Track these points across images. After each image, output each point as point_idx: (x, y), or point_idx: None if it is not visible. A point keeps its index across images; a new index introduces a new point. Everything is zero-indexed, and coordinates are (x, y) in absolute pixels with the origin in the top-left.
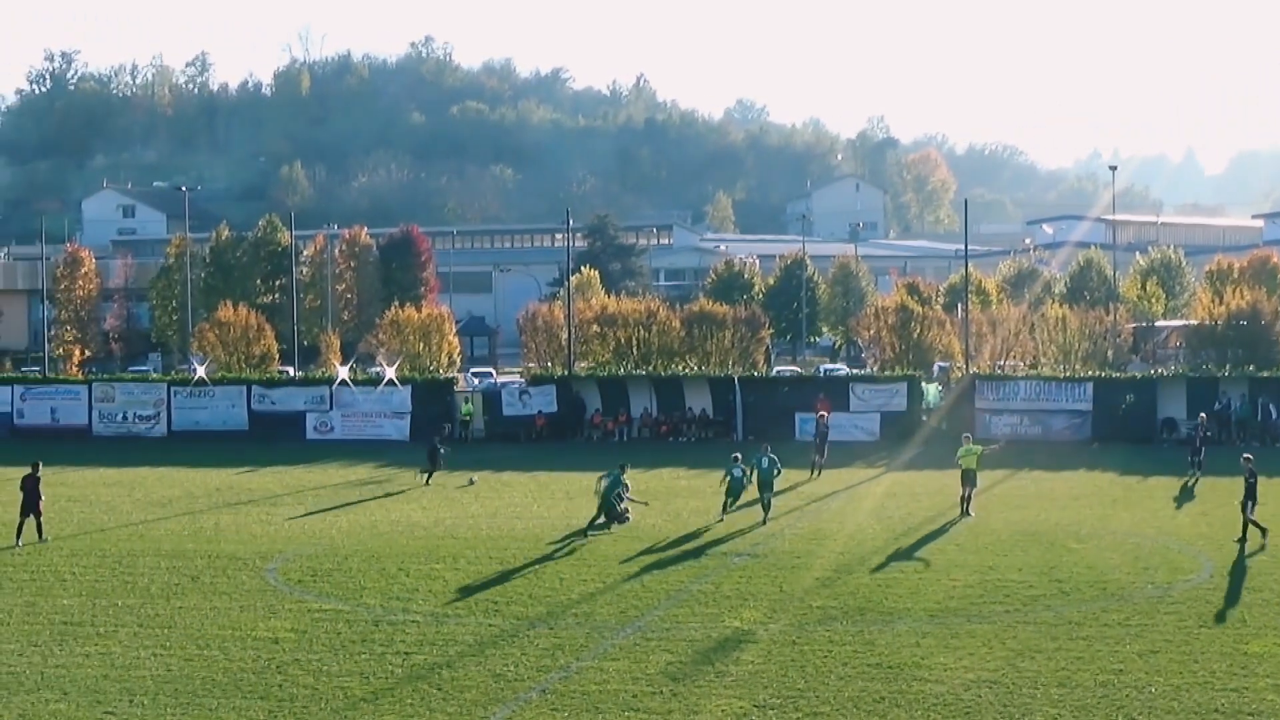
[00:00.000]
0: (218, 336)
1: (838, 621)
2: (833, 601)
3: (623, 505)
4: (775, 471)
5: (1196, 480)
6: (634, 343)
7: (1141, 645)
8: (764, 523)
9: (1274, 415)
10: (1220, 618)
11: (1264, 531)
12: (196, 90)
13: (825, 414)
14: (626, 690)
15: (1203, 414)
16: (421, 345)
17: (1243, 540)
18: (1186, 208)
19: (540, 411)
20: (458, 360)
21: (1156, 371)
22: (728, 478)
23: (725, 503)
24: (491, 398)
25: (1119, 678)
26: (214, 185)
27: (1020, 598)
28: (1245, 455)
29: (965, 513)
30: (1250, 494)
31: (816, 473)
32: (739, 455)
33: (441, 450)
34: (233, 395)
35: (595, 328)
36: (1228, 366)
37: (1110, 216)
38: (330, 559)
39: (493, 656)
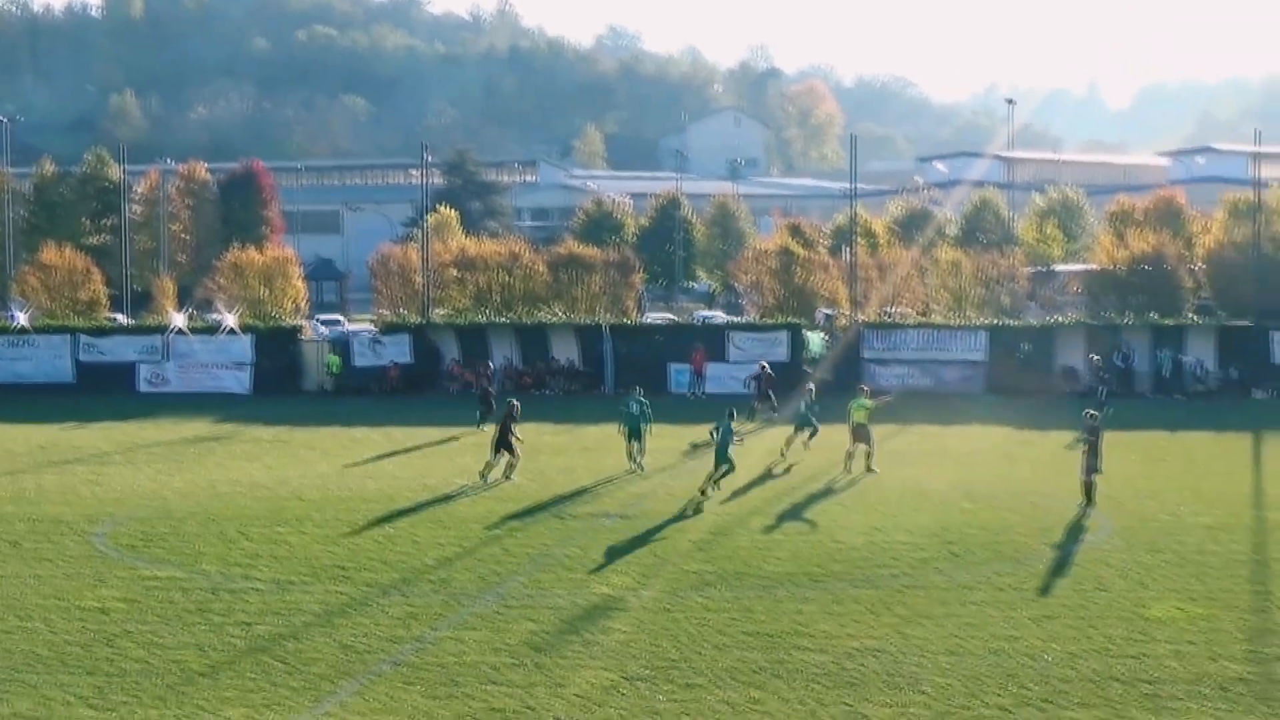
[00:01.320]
0: (41, 281)
1: (713, 587)
2: (708, 566)
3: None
4: (646, 417)
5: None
6: (495, 288)
7: (1036, 610)
8: (637, 469)
9: (1189, 367)
10: (1119, 580)
11: (1090, 499)
12: (18, 12)
13: (764, 365)
14: (486, 662)
15: (1094, 355)
16: (264, 290)
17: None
18: (1088, 145)
19: (394, 362)
20: (304, 307)
21: (1055, 319)
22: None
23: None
24: (341, 347)
25: (1012, 645)
26: (37, 116)
27: (909, 561)
28: (1088, 411)
29: (847, 469)
30: (1093, 452)
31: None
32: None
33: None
34: (57, 345)
35: (453, 272)
36: (1130, 314)
37: (1007, 154)
38: (164, 522)
39: (341, 627)
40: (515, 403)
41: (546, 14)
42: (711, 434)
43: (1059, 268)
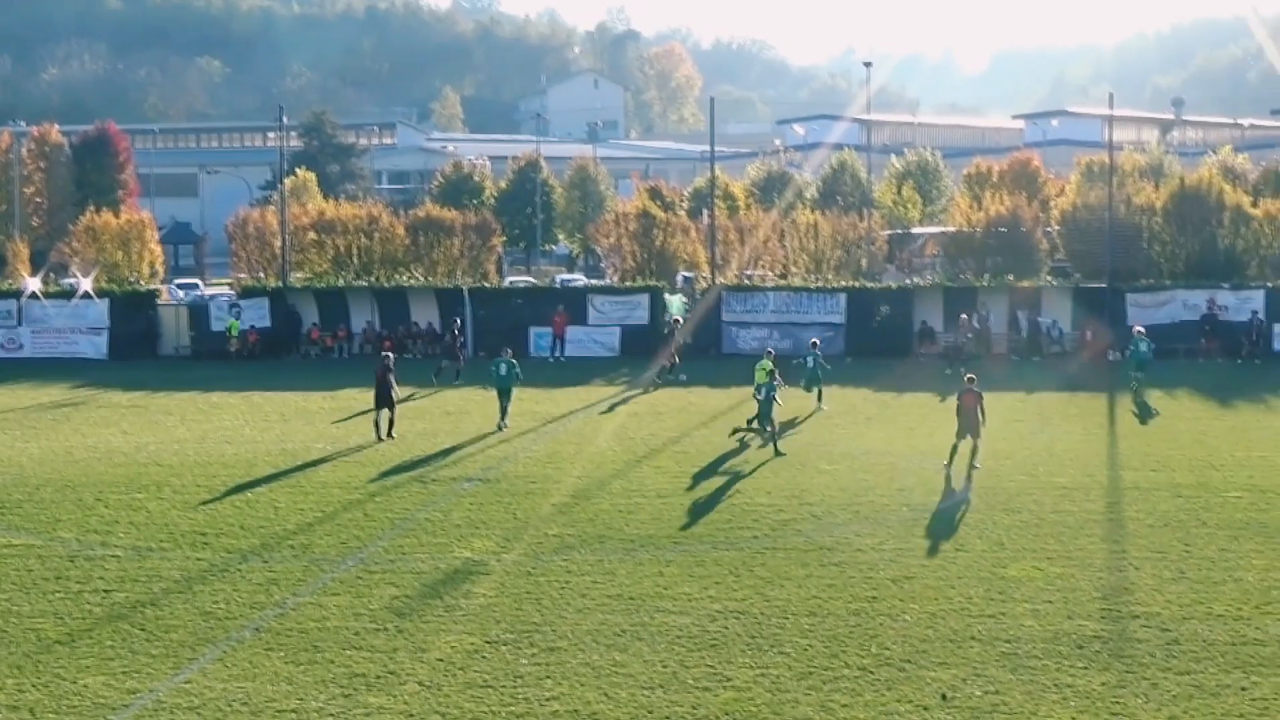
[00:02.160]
0: None
1: (576, 550)
2: (570, 529)
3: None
4: (514, 377)
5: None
6: (354, 251)
7: (896, 570)
8: (500, 428)
9: (1045, 329)
10: (977, 540)
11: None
12: None
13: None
14: (348, 627)
15: (963, 314)
16: (120, 254)
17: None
18: (945, 108)
19: (252, 326)
20: (160, 271)
21: (913, 281)
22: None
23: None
24: (198, 311)
25: (872, 605)
26: None
27: (769, 523)
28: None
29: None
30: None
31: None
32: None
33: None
34: None
35: (312, 235)
36: (987, 276)
37: (865, 116)
38: (20, 489)
39: (201, 593)
40: (389, 355)
41: None
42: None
43: (917, 230)
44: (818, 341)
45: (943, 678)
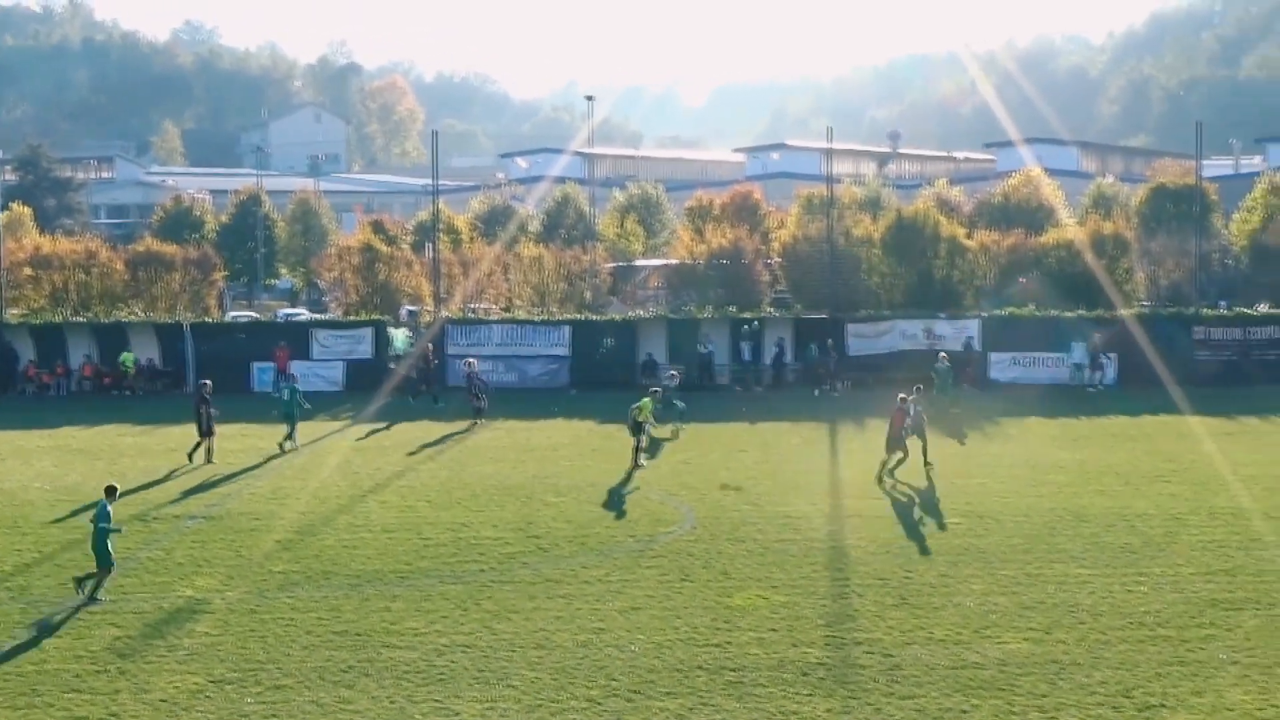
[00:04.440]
0: None
1: (300, 587)
2: (295, 566)
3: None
4: (297, 404)
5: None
6: (72, 287)
7: (623, 602)
8: (293, 447)
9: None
10: (702, 570)
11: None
12: None
13: (473, 362)
14: (68, 670)
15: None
16: None
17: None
18: (667, 141)
19: None
20: None
21: (636, 313)
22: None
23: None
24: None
25: (599, 636)
26: None
27: (496, 556)
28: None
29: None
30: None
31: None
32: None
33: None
34: None
35: (28, 270)
36: (710, 307)
37: (588, 150)
38: None
39: None
40: (207, 382)
41: (120, 7)
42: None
43: (640, 262)
44: (676, 374)
45: (670, 707)
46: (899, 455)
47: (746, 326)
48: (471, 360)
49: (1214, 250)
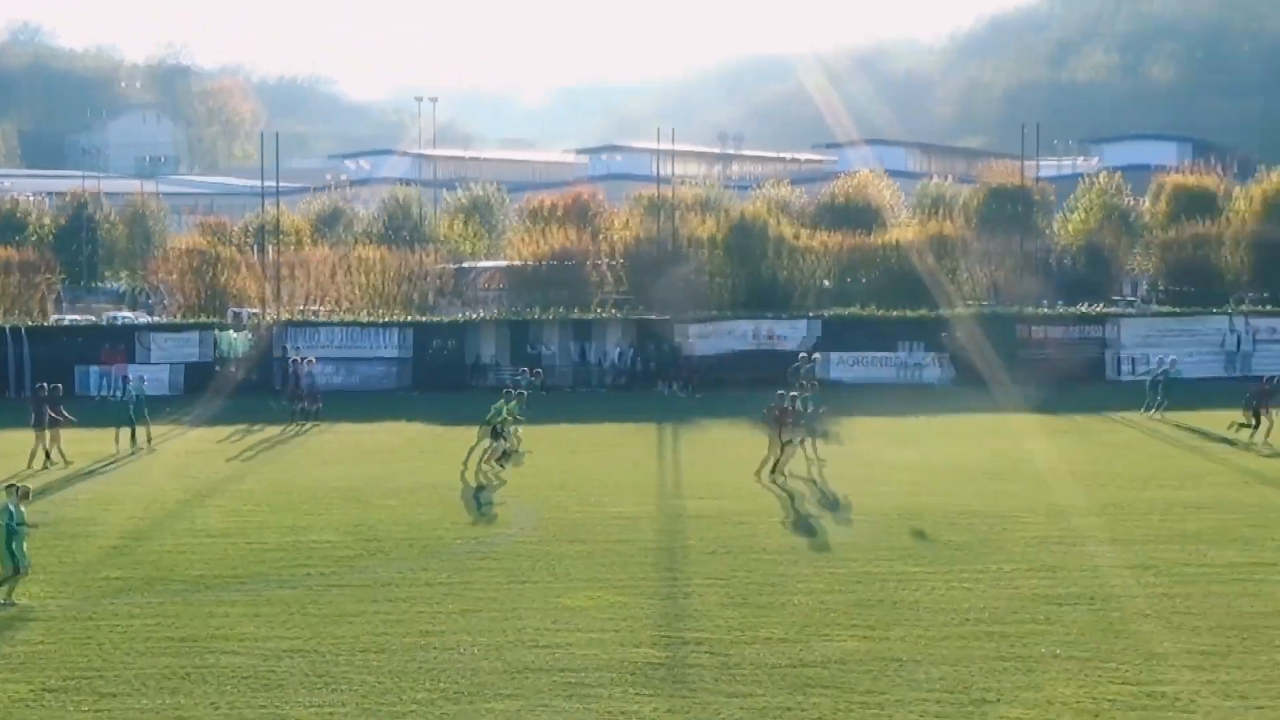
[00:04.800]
0: None
1: (132, 593)
2: (126, 571)
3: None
4: (141, 402)
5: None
6: None
7: (458, 604)
8: (130, 451)
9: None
10: (538, 571)
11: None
12: None
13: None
14: None
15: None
16: None
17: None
18: (506, 143)
19: None
20: None
21: (474, 315)
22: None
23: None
24: None
25: (434, 639)
26: None
27: (330, 559)
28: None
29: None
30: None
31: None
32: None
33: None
34: None
35: None
36: (549, 308)
37: (426, 151)
38: None
39: None
40: (43, 386)
41: None
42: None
43: (478, 264)
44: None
45: (505, 709)
46: (781, 452)
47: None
48: (311, 359)
49: (1043, 250)
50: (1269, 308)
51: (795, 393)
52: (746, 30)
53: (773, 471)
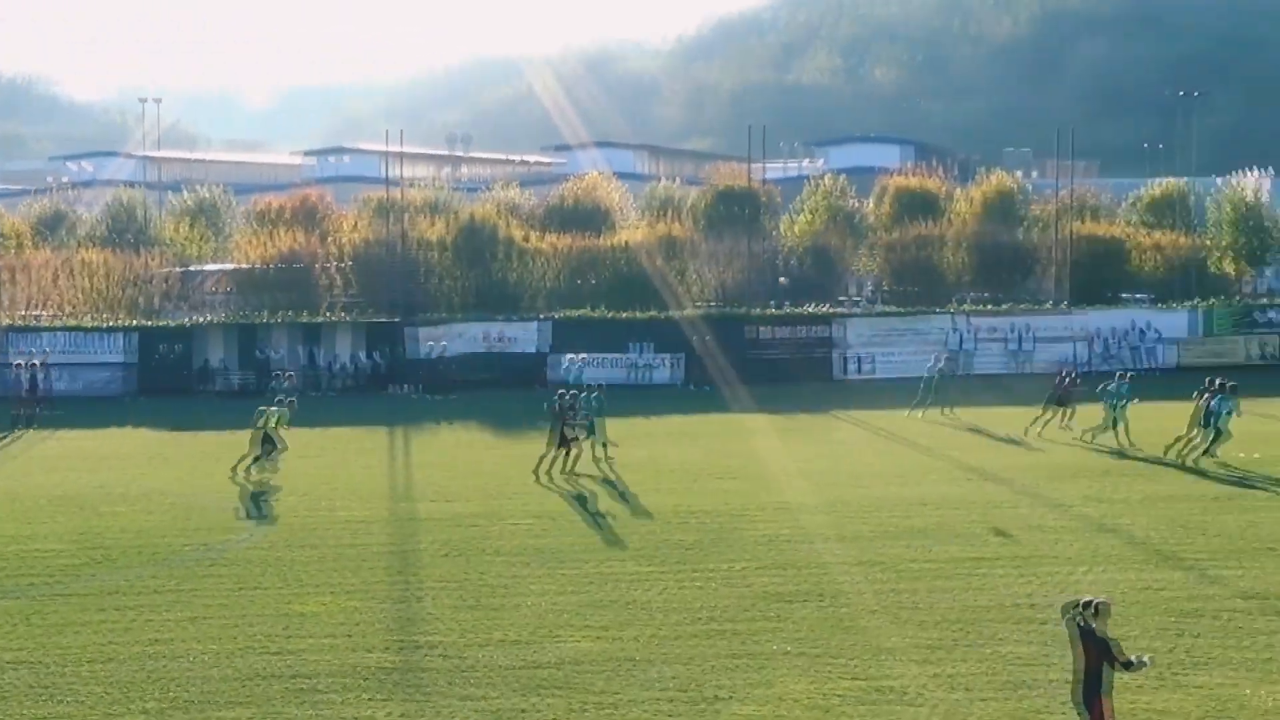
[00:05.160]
0: None
1: None
2: None
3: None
4: None
5: None
6: None
7: (187, 611)
8: None
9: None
10: (269, 577)
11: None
12: None
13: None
14: None
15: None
16: None
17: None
18: (232, 145)
19: None
20: None
21: (201, 318)
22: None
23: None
24: None
25: (163, 648)
26: None
27: (55, 568)
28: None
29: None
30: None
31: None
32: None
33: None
34: None
35: None
36: (278, 312)
37: (151, 153)
38: None
39: None
40: None
41: None
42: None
43: (205, 267)
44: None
45: (236, 717)
46: (559, 450)
47: None
48: (35, 363)
49: (770, 251)
50: (989, 307)
51: (575, 390)
52: (474, 32)
53: (565, 471)
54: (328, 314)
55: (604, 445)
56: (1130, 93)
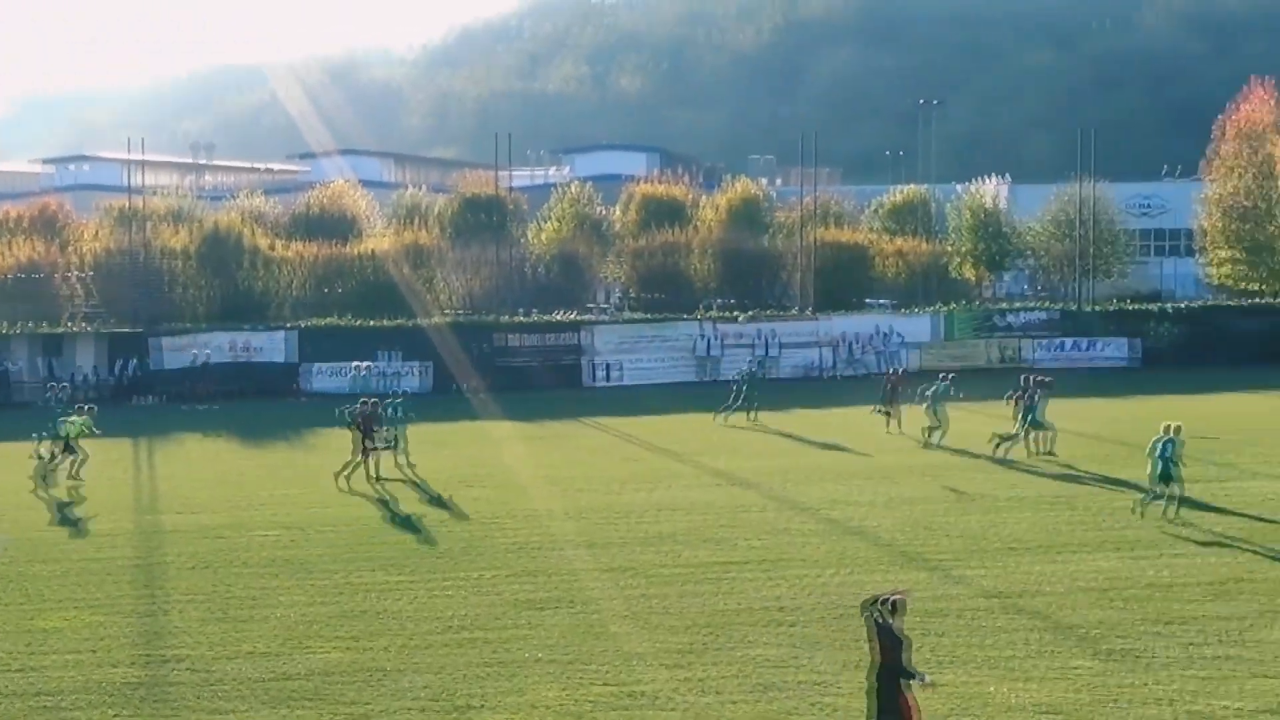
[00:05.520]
0: None
1: None
2: None
3: None
4: None
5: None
6: None
7: None
8: None
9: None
10: (9, 593)
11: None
12: None
13: None
14: None
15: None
16: None
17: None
18: None
19: None
20: None
21: None
22: None
23: None
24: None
25: None
26: None
27: None
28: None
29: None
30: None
31: None
32: None
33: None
34: None
35: None
36: (16, 323)
37: None
38: None
39: None
40: None
41: None
42: None
43: None
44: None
45: None
46: (361, 456)
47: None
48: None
49: (518, 259)
50: (735, 314)
51: (375, 399)
52: (217, 39)
53: (374, 479)
54: (69, 324)
55: (405, 453)
56: (871, 101)
